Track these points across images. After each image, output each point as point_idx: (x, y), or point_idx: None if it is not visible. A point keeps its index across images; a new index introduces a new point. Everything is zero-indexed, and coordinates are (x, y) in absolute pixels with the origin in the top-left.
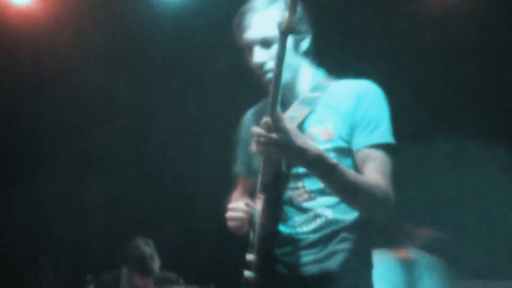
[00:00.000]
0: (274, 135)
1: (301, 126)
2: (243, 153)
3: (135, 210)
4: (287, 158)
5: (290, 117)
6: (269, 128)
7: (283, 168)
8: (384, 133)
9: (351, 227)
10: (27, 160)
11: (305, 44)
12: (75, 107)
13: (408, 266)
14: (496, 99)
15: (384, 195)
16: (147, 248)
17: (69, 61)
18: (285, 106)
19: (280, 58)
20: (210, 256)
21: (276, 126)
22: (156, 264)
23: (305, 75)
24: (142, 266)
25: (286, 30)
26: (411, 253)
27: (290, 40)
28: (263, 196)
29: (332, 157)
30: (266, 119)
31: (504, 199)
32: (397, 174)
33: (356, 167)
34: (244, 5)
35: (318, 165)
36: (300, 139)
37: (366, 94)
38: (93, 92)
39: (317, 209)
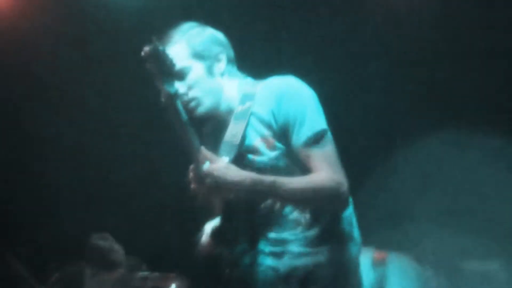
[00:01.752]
0: (204, 177)
1: (243, 142)
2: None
3: (98, 199)
4: (226, 194)
5: (231, 135)
6: (198, 178)
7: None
8: (313, 123)
9: (333, 219)
10: None
11: (221, 65)
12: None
13: (380, 266)
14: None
15: (336, 184)
16: (105, 242)
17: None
18: (224, 126)
19: (178, 121)
20: (173, 245)
21: (202, 170)
22: (118, 254)
23: (231, 90)
24: (104, 262)
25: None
26: (387, 254)
27: (202, 68)
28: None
29: (284, 162)
30: (191, 170)
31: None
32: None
33: (303, 164)
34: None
35: (257, 189)
36: (231, 174)
37: (282, 93)
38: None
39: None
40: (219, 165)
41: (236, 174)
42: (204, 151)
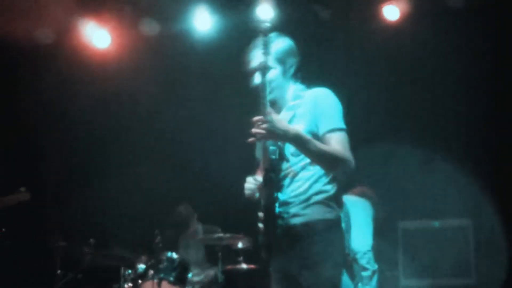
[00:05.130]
0: (265, 122)
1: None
2: (259, 144)
3: (185, 187)
4: (275, 137)
5: (281, 119)
6: (261, 120)
7: (276, 157)
8: (335, 121)
9: (322, 191)
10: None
11: (291, 71)
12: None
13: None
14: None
15: (342, 157)
16: (186, 210)
17: (134, 86)
18: (278, 112)
19: (263, 84)
20: (240, 215)
21: (265, 118)
22: (193, 219)
23: (290, 90)
24: (185, 224)
25: (261, 67)
26: (348, 196)
27: (279, 71)
28: (263, 175)
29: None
30: (257, 119)
31: None
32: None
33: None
34: (251, 43)
35: (297, 140)
36: (282, 123)
37: (319, 97)
38: (151, 106)
39: (300, 181)
40: (276, 117)
41: (286, 124)
42: (270, 109)
